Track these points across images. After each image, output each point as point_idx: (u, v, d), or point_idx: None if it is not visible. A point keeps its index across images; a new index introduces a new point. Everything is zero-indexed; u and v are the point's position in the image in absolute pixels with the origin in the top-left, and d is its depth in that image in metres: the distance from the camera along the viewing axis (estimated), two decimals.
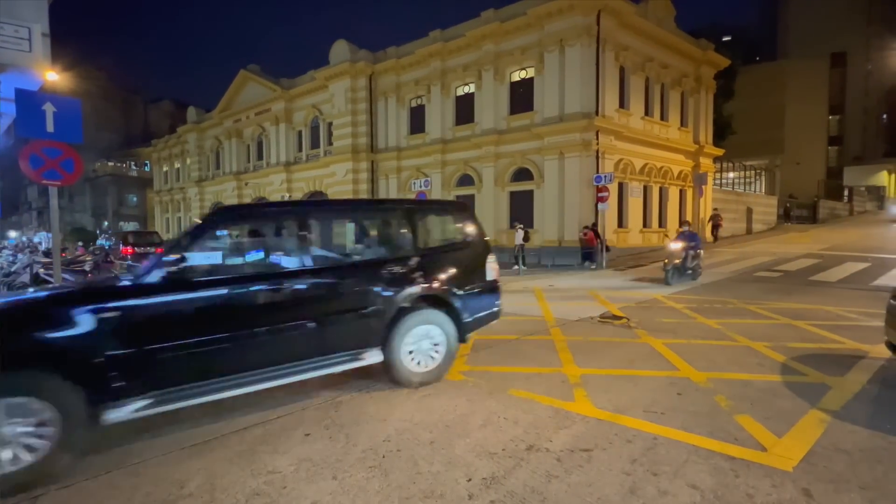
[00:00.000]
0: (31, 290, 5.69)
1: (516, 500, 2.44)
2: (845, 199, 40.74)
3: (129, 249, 16.41)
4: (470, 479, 2.65)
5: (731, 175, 29.10)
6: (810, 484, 2.53)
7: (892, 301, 4.17)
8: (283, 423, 3.49)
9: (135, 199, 50.71)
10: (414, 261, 4.19)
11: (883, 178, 44.24)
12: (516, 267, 14.85)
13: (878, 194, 42.86)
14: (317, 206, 6.28)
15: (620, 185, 17.95)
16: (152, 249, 10.45)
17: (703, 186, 21.40)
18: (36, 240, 40.73)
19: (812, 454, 2.84)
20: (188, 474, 2.79)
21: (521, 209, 18.39)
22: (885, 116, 51.79)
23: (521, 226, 15.62)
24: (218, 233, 3.76)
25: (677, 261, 10.50)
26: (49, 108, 5.52)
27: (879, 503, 2.37)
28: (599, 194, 15.09)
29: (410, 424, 3.40)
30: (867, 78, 49.86)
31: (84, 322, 2.84)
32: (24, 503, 2.55)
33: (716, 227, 21.12)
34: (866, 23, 48.48)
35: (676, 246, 10.63)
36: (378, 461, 2.88)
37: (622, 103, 17.86)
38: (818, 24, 48.42)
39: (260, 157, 29.62)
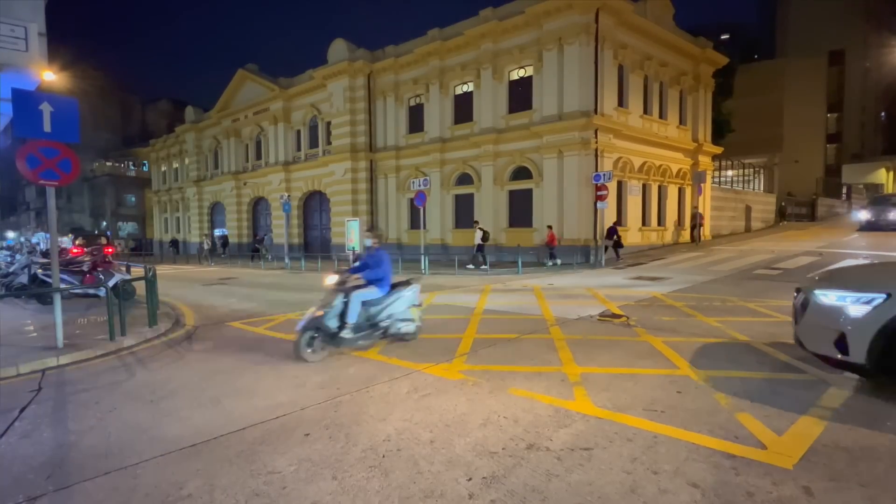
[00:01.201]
0: None
1: (517, 500, 2.44)
2: (844, 196, 40.80)
3: (80, 250, 17.06)
4: (470, 479, 2.65)
5: (730, 173, 29.14)
6: (811, 482, 2.52)
7: (795, 293, 4.29)
8: (282, 423, 3.48)
9: (133, 199, 50.60)
10: None
11: (881, 175, 44.28)
12: (470, 266, 15.32)
13: (876, 191, 42.94)
14: None
15: (619, 184, 17.95)
16: (98, 250, 11.20)
17: (702, 184, 21.41)
18: (34, 240, 40.62)
19: (812, 452, 2.84)
20: (187, 475, 2.78)
21: (521, 208, 18.40)
22: (883, 114, 51.84)
23: (480, 226, 16.13)
24: None
25: (319, 313, 5.19)
26: (46, 108, 5.50)
27: (880, 501, 2.37)
28: (598, 193, 15.10)
29: (410, 424, 3.40)
30: (865, 75, 49.88)
31: None
32: (24, 503, 2.54)
33: (696, 226, 20.73)
34: (864, 20, 48.49)
35: (331, 281, 5.49)
36: (378, 461, 2.87)
37: (621, 102, 17.85)
38: (816, 21, 48.41)
39: (258, 156, 29.57)
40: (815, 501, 2.37)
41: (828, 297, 3.78)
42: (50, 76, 8.50)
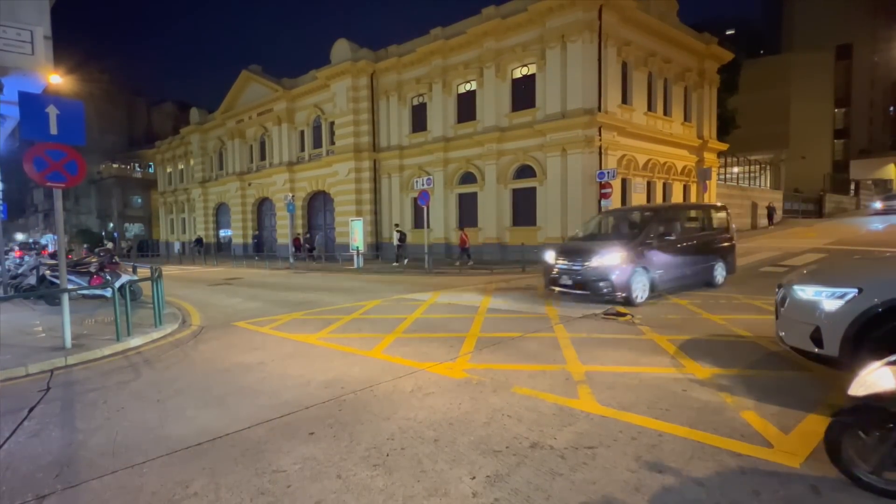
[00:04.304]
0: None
1: (520, 498, 2.44)
2: (852, 192, 40.40)
3: (19, 252, 20.65)
4: (474, 477, 2.65)
5: (736, 170, 28.94)
6: (818, 481, 2.50)
7: (777, 289, 4.34)
8: (287, 422, 3.50)
9: (139, 200, 51.02)
10: None
11: (890, 170, 43.78)
12: (395, 264, 17.31)
13: (885, 187, 42.45)
14: None
15: (623, 182, 17.87)
16: (35, 253, 12.68)
17: (707, 182, 21.24)
18: (42, 242, 40.99)
19: (819, 451, 2.80)
20: (193, 474, 2.80)
21: (524, 207, 18.35)
22: (892, 109, 51.24)
23: (399, 228, 17.95)
24: None
25: None
26: (52, 111, 5.55)
27: (889, 500, 2.34)
28: (602, 191, 15.06)
29: (414, 423, 3.40)
30: (873, 70, 49.35)
31: None
32: (32, 502, 2.57)
33: None
34: (872, 14, 47.95)
35: None
36: (382, 459, 2.88)
37: (625, 99, 17.75)
38: (823, 16, 47.93)
39: (263, 157, 29.69)
40: (822, 500, 2.35)
41: (805, 292, 3.89)
42: (56, 79, 8.58)
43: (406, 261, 17.66)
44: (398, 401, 3.85)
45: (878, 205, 30.77)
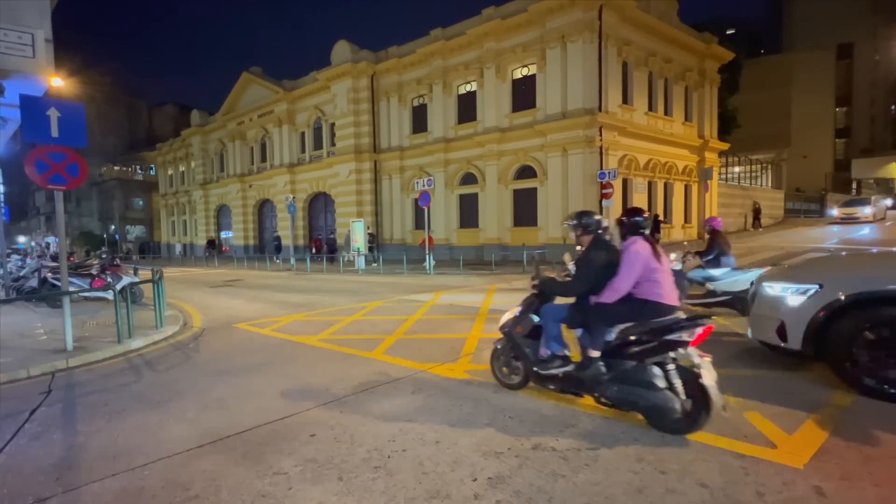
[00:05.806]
0: None
1: (522, 500, 2.42)
2: (854, 191, 40.30)
3: None
4: (476, 479, 2.63)
5: (737, 169, 28.88)
6: (822, 481, 2.48)
7: (750, 285, 4.55)
8: (288, 424, 3.49)
9: (140, 202, 51.10)
10: None
11: (892, 169, 43.64)
12: (375, 265, 17.89)
13: (887, 186, 42.35)
14: None
15: (624, 181, 17.85)
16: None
17: (709, 181, 21.22)
18: (45, 242, 41.09)
19: (823, 451, 2.79)
20: (194, 476, 2.80)
21: (525, 207, 18.35)
22: (893, 107, 51.14)
23: (370, 231, 18.47)
24: None
25: None
26: (53, 114, 5.56)
27: (894, 501, 2.32)
28: (603, 191, 15.05)
29: (415, 424, 3.39)
30: (875, 68, 49.29)
31: None
32: None
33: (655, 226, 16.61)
34: (873, 12, 47.89)
35: None
36: (383, 461, 2.87)
37: (625, 99, 17.74)
38: (824, 15, 47.88)
39: (263, 158, 29.73)
40: (826, 501, 2.33)
41: (773, 288, 4.02)
42: (57, 82, 8.61)
43: (375, 264, 18.13)
44: (399, 402, 3.84)
45: (835, 212, 26.84)
